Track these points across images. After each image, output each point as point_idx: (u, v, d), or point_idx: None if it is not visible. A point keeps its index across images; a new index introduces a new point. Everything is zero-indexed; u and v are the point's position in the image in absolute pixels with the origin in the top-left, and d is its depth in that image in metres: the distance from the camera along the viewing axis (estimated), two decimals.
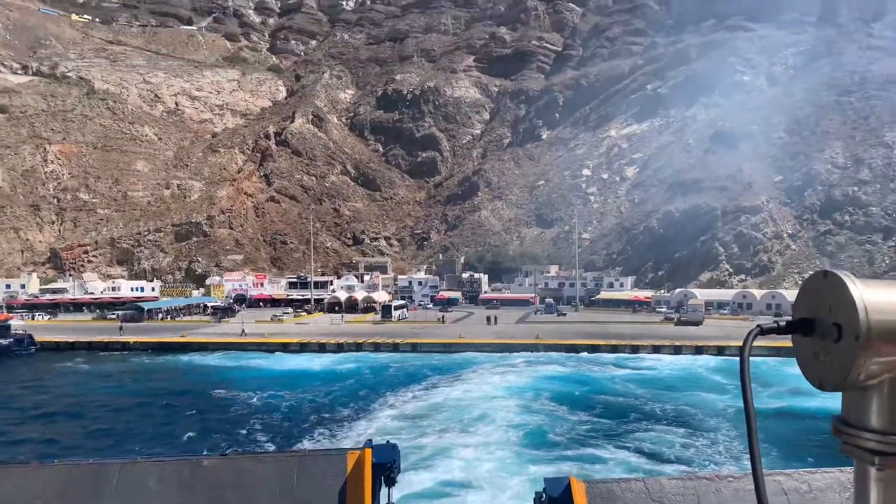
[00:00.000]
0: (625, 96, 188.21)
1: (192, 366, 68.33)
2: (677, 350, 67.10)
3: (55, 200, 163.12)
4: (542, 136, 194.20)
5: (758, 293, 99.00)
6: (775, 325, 1.73)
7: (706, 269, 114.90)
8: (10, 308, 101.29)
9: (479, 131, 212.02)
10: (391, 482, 6.36)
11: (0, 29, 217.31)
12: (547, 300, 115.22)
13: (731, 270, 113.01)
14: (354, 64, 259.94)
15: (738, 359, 1.60)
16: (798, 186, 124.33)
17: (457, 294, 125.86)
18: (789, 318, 1.75)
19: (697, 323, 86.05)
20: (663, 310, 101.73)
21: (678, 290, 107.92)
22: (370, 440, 6.62)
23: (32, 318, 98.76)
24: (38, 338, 75.27)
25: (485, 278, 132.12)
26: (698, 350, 65.76)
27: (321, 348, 71.02)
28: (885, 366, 1.56)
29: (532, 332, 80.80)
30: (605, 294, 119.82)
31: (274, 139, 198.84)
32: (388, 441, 6.61)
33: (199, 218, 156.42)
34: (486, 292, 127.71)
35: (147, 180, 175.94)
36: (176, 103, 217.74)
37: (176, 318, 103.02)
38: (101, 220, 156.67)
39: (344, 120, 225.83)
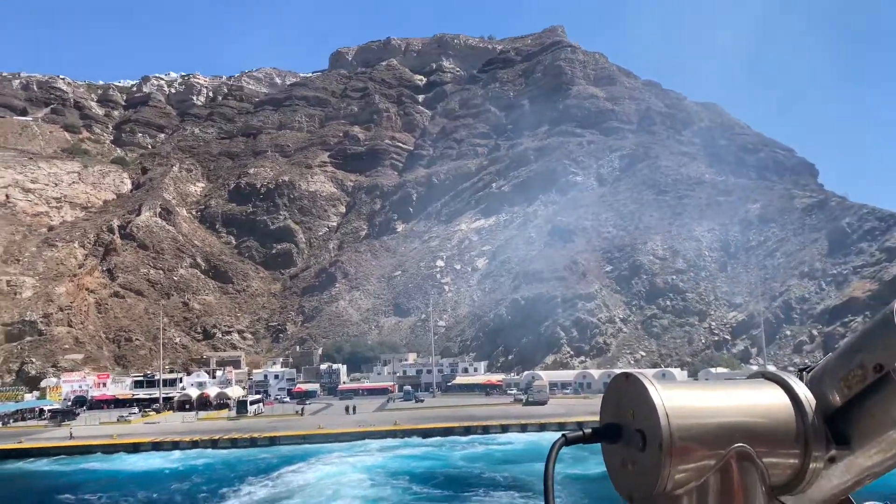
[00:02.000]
0: (473, 193, 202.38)
1: (31, 472, 64.01)
2: (524, 428, 72.66)
3: None
4: (397, 229, 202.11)
5: (596, 373, 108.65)
6: (581, 433, 1.66)
7: (550, 352, 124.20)
8: None
9: (335, 224, 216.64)
10: None
11: None
12: (405, 387, 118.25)
13: (572, 353, 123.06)
14: (205, 157, 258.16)
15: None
16: (626, 275, 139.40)
17: (315, 386, 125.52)
18: (595, 424, 1.70)
19: (543, 403, 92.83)
20: (513, 392, 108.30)
21: (526, 372, 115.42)
22: None
23: None
24: None
25: (343, 369, 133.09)
26: (542, 427, 71.63)
27: (175, 446, 69.15)
28: (692, 473, 1.51)
29: (390, 419, 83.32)
30: (460, 379, 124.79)
31: (118, 233, 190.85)
32: None
33: (34, 316, 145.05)
34: (344, 383, 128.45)
35: None
36: (6, 195, 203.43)
37: (7, 424, 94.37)
38: None
39: (194, 213, 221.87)
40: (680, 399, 1.54)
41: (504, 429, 73.97)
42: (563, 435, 1.61)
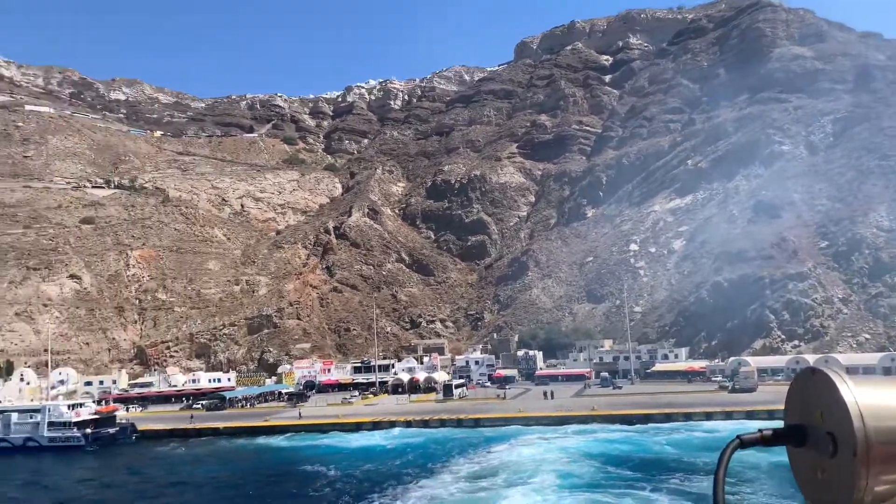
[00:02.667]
0: (666, 172, 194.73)
1: (276, 447, 74.93)
2: (729, 416, 70.43)
3: (137, 301, 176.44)
4: (587, 215, 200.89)
5: (811, 358, 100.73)
6: (759, 435, 1.52)
7: (759, 338, 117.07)
8: (103, 402, 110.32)
9: (525, 213, 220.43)
10: None
11: (86, 149, 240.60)
12: (602, 374, 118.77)
13: (783, 337, 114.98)
14: (404, 158, 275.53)
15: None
16: (844, 251, 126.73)
17: (513, 372, 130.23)
18: (778, 426, 1.53)
19: (751, 390, 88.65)
20: (717, 379, 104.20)
21: (731, 358, 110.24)
22: None
23: (126, 410, 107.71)
24: (139, 426, 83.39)
25: (539, 355, 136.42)
26: (749, 415, 68.77)
27: (391, 425, 76.94)
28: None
29: (588, 404, 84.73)
30: (659, 366, 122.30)
31: (333, 233, 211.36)
32: None
33: (269, 311, 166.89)
34: (541, 369, 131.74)
35: (218, 278, 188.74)
36: (242, 205, 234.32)
37: (254, 406, 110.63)
38: (180, 318, 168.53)
39: (397, 211, 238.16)
40: (876, 398, 1.34)
41: (707, 416, 72.16)
42: (738, 437, 1.46)
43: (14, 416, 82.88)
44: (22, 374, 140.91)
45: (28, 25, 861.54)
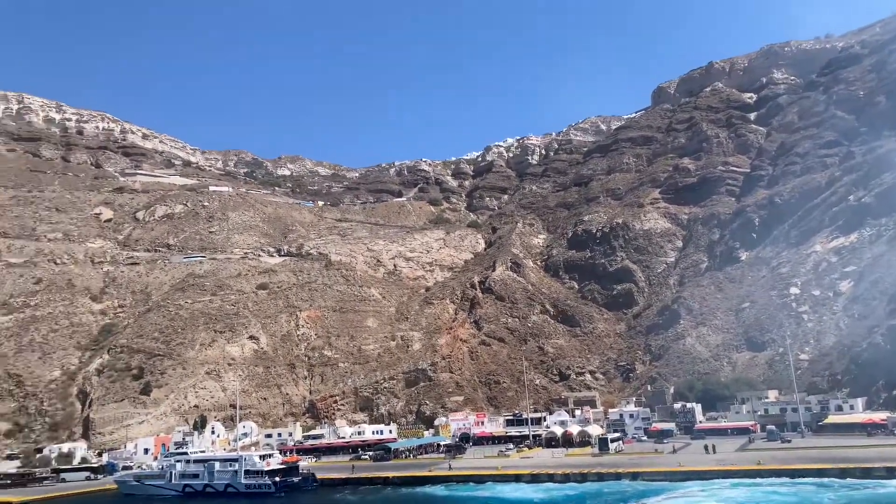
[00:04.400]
0: (826, 209, 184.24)
1: (440, 496, 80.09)
2: None
3: (306, 358, 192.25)
4: (740, 258, 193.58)
5: None
6: None
7: None
8: (286, 453, 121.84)
9: (673, 259, 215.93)
10: None
11: (260, 222, 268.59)
12: (769, 427, 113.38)
13: None
14: (544, 211, 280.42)
15: None
16: None
17: (670, 425, 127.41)
18: None
19: None
20: None
21: None
22: None
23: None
24: (318, 475, 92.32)
25: (698, 407, 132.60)
26: None
27: (549, 478, 79.72)
28: None
29: (753, 459, 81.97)
30: (833, 418, 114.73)
31: (479, 287, 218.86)
32: None
33: (424, 365, 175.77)
34: (700, 422, 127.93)
35: (376, 334, 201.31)
36: (394, 265, 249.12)
37: (416, 457, 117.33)
38: (345, 373, 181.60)
39: (539, 263, 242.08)
40: None
41: (890, 472, 67.76)
42: None
43: (217, 465, 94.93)
44: (213, 428, 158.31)
45: (209, 114, 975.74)
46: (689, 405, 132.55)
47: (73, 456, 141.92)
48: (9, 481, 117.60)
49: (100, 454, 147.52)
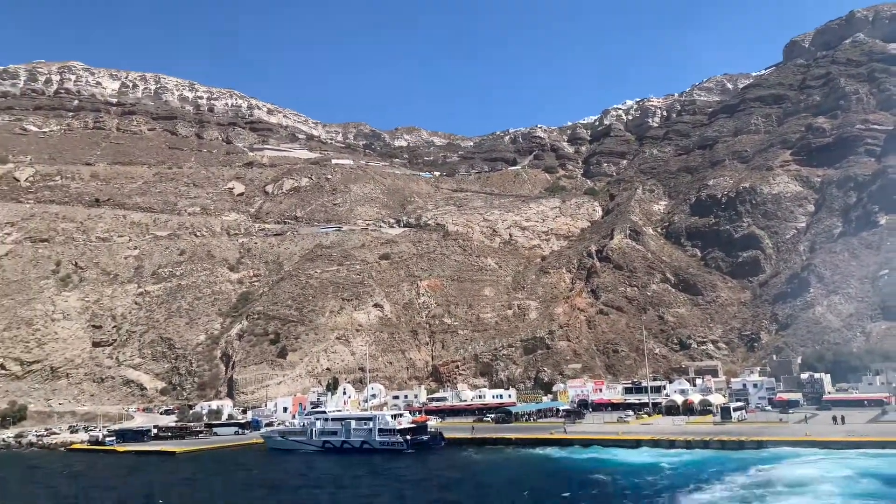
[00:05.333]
0: None
1: (559, 457, 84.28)
2: None
3: (427, 326, 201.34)
4: (879, 223, 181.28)
5: None
6: None
7: None
8: (415, 413, 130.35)
9: (803, 224, 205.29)
10: None
11: (380, 194, 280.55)
12: None
13: None
14: (665, 176, 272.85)
15: None
16: None
17: (797, 395, 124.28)
18: None
19: None
20: None
21: None
22: None
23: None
24: (447, 435, 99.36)
25: (827, 378, 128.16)
26: None
27: (671, 444, 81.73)
28: None
29: (885, 430, 79.98)
30: None
31: (596, 256, 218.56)
32: None
33: (542, 333, 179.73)
34: (829, 393, 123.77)
35: (493, 303, 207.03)
36: (510, 234, 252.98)
37: (536, 420, 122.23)
38: (465, 340, 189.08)
39: (659, 230, 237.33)
40: None
41: None
42: None
43: (353, 423, 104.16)
44: (344, 389, 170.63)
45: (328, 88, 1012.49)
46: (816, 376, 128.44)
47: (221, 413, 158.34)
48: (169, 434, 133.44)
49: (244, 411, 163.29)
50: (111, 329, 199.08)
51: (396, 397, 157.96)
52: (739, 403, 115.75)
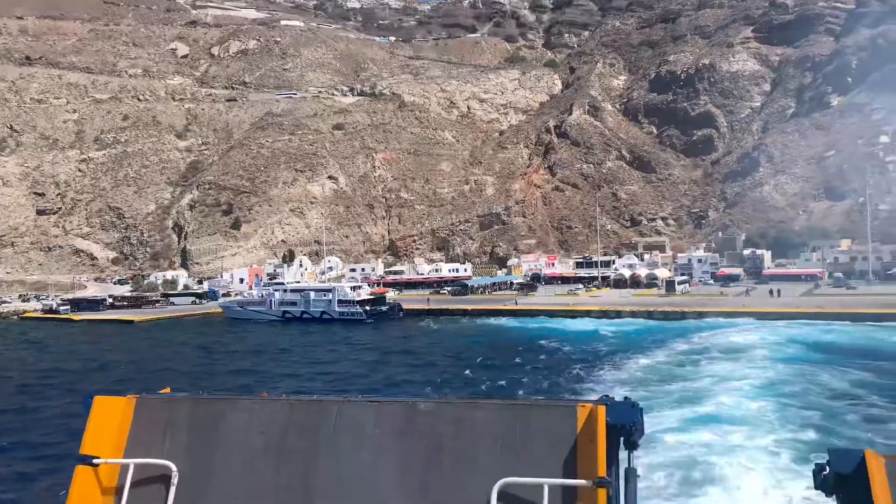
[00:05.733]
0: None
1: (512, 326, 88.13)
2: None
3: (383, 200, 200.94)
4: (831, 104, 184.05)
5: None
6: None
7: None
8: (374, 285, 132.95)
9: (758, 104, 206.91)
10: (632, 446, 5.28)
11: (332, 59, 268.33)
12: (836, 274, 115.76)
13: None
14: (626, 50, 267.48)
15: None
16: None
17: (738, 270, 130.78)
18: None
19: None
20: None
21: None
22: (606, 395, 5.69)
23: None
24: (405, 306, 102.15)
25: (767, 254, 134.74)
26: None
27: (617, 314, 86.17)
28: None
29: (816, 303, 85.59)
30: None
31: (554, 132, 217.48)
32: (627, 398, 5.53)
33: (498, 209, 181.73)
34: (769, 268, 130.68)
35: (450, 178, 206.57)
36: (468, 107, 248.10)
37: (491, 293, 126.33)
38: (422, 215, 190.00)
39: (618, 106, 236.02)
40: None
41: None
42: None
43: (312, 294, 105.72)
44: (301, 261, 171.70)
45: None
46: (758, 252, 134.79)
47: (177, 283, 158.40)
48: (125, 303, 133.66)
49: (199, 282, 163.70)
50: (55, 197, 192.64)
51: (353, 270, 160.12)
52: (684, 277, 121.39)
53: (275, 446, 5.78)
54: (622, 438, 5.25)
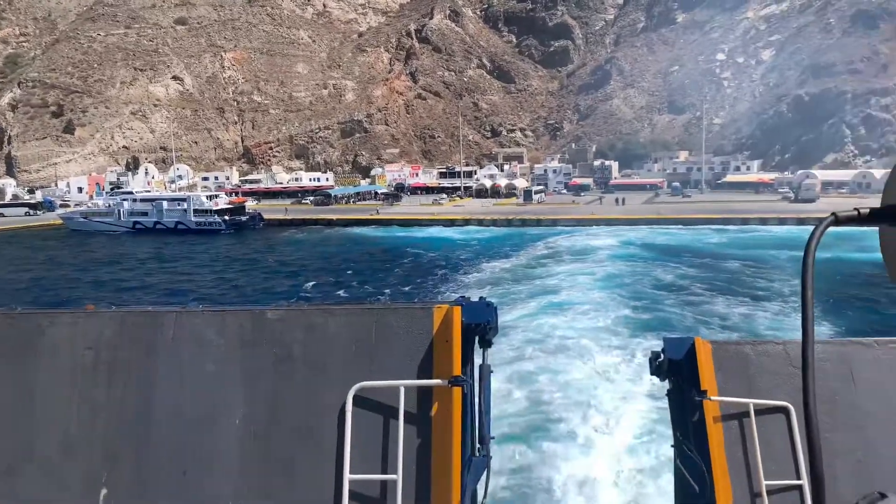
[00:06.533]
0: None
1: (379, 235, 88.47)
2: (782, 222, 78.35)
3: (235, 103, 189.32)
4: (677, 20, 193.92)
5: (878, 173, 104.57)
6: (856, 213, 1.48)
7: (831, 152, 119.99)
8: (233, 195, 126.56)
9: (612, 17, 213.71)
10: (486, 344, 5.35)
11: None
12: (674, 184, 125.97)
13: (855, 152, 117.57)
14: None
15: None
16: None
17: (588, 180, 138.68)
18: (874, 205, 1.50)
19: (811, 200, 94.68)
20: (783, 190, 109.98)
21: (800, 171, 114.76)
22: (462, 296, 5.65)
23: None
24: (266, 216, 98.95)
25: (615, 165, 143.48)
26: (800, 221, 76.22)
27: (479, 223, 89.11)
28: None
29: (655, 210, 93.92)
30: (730, 177, 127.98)
31: (415, 37, 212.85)
32: (482, 298, 5.45)
33: (360, 116, 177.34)
34: (616, 178, 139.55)
35: (307, 82, 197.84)
36: (324, 5, 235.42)
37: (355, 203, 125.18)
38: (279, 120, 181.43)
39: (478, 13, 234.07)
40: None
41: (762, 222, 79.87)
42: (834, 214, 1.49)
43: (165, 204, 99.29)
44: (146, 169, 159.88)
45: None
46: (607, 163, 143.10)
47: (4, 193, 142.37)
48: None
49: (31, 191, 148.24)
50: None
51: (206, 178, 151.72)
52: (540, 187, 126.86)
53: (106, 362, 5.39)
54: (477, 337, 5.27)
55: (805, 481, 4.95)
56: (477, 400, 5.19)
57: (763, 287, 43.71)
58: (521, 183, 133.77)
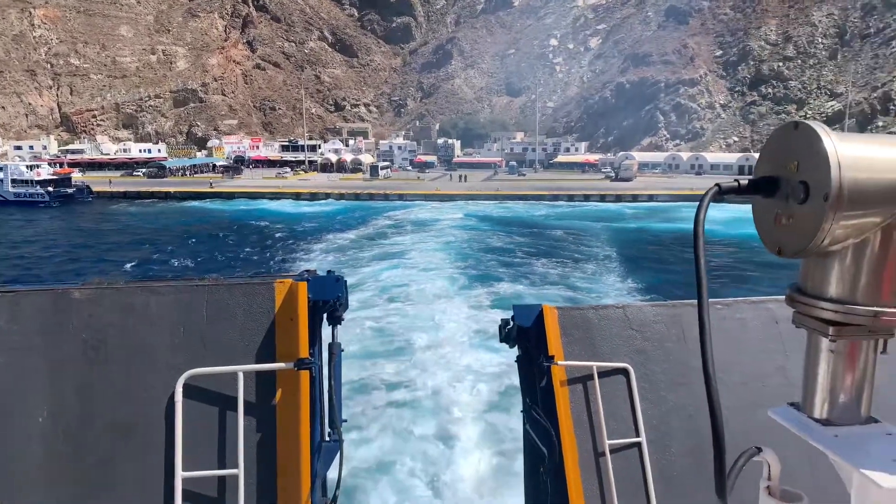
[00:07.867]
0: None
1: (219, 209, 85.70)
2: (602, 198, 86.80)
3: (49, 66, 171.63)
4: (514, 3, 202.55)
5: (685, 155, 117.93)
6: (735, 184, 1.59)
7: (648, 136, 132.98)
8: (57, 165, 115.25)
9: None
10: (336, 321, 4.85)
11: None
12: (511, 163, 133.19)
13: (667, 136, 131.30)
14: None
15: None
16: (734, 61, 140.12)
17: (433, 158, 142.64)
18: (750, 177, 1.61)
19: (629, 179, 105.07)
20: (606, 170, 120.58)
21: (621, 153, 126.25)
22: (307, 270, 5.05)
23: None
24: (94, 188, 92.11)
25: (458, 144, 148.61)
26: (618, 198, 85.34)
27: (326, 197, 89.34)
28: (853, 229, 1.46)
29: (494, 187, 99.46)
30: (561, 158, 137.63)
31: (252, 4, 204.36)
32: (330, 272, 4.94)
33: (194, 85, 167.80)
34: (458, 156, 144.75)
35: (132, 46, 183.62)
36: None
37: (192, 175, 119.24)
38: (102, 86, 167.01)
39: None
40: (855, 150, 1.46)
41: (586, 198, 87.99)
42: (717, 184, 1.59)
43: None
44: None
45: None
46: (450, 141, 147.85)
47: None
48: None
49: None
50: None
51: (19, 147, 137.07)
52: (386, 163, 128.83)
53: None
54: (325, 314, 4.82)
55: (643, 438, 5.10)
56: (326, 383, 4.73)
57: (582, 252, 49.64)
58: (367, 158, 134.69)
